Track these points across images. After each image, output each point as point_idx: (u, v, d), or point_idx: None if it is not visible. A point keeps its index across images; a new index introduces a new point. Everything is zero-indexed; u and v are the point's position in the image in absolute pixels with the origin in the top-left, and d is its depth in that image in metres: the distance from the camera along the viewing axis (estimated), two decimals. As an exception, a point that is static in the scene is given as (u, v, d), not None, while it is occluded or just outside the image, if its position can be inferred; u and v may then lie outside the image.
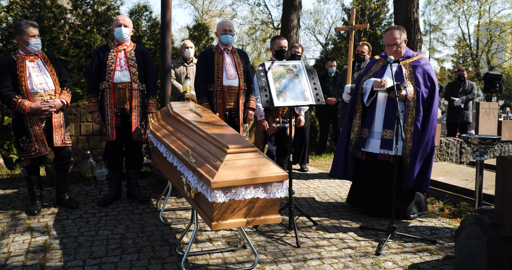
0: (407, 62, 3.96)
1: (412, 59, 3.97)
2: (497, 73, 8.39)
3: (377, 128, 3.98)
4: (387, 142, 3.92)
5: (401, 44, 3.91)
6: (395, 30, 3.90)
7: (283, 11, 9.41)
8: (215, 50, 4.36)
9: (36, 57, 3.92)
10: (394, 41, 3.87)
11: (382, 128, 3.95)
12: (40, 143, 3.87)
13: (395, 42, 3.87)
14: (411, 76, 3.89)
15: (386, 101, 3.95)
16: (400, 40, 3.89)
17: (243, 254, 3.18)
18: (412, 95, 3.85)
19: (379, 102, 4.00)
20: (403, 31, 3.93)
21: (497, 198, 2.69)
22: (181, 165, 2.87)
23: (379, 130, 3.97)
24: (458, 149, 6.64)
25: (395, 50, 3.91)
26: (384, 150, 3.95)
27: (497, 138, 3.57)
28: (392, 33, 3.89)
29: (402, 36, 3.91)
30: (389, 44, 3.91)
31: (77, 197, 4.51)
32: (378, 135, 3.97)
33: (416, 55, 4.01)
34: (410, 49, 4.12)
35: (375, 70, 4.11)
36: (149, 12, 8.52)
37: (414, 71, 3.91)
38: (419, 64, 3.94)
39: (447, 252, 3.30)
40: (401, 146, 3.89)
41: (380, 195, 4.02)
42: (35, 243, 3.31)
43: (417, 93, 3.84)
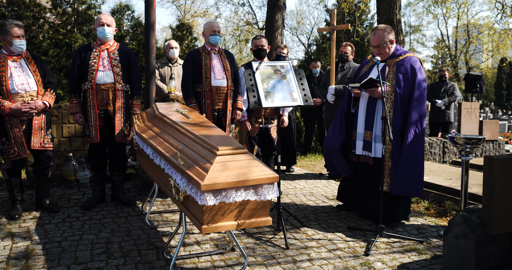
0: (392, 61, 3.88)
1: (398, 58, 3.87)
2: (478, 73, 8.55)
3: (360, 129, 3.95)
4: (367, 143, 3.89)
5: (385, 45, 3.82)
6: (378, 31, 3.83)
7: (268, 11, 9.39)
8: (202, 50, 4.31)
9: (19, 57, 3.79)
10: (377, 43, 3.82)
11: (364, 129, 3.91)
12: (19, 146, 3.75)
13: (378, 43, 3.81)
14: (393, 76, 3.80)
15: (367, 102, 3.91)
16: (384, 41, 3.80)
17: (232, 256, 3.14)
18: (389, 95, 3.78)
19: (361, 103, 3.97)
20: (388, 32, 3.83)
21: (484, 198, 2.71)
22: (169, 167, 2.81)
23: (361, 131, 3.93)
24: (441, 148, 6.73)
25: (379, 51, 3.86)
26: (365, 152, 3.92)
27: (482, 138, 3.62)
28: (375, 34, 3.83)
29: (387, 37, 3.81)
30: (373, 45, 3.89)
31: (60, 200, 4.39)
32: (361, 136, 3.94)
33: (404, 53, 3.90)
34: (401, 47, 4.04)
35: (364, 71, 4.09)
36: (131, 11, 8.39)
37: (397, 70, 3.81)
38: (403, 63, 3.82)
39: (435, 251, 3.32)
40: (381, 148, 3.78)
41: (367, 198, 3.98)
42: (17, 249, 3.20)
43: (395, 93, 3.75)
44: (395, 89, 3.76)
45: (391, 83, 3.79)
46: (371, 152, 3.85)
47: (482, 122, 7.26)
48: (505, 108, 29.94)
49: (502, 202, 2.69)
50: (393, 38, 3.87)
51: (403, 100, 3.75)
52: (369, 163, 3.90)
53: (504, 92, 30.73)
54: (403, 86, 3.76)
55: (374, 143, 3.83)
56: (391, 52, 3.90)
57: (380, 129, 3.80)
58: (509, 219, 2.73)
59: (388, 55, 3.90)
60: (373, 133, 3.83)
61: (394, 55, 3.90)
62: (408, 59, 3.85)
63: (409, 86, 3.76)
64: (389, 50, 3.87)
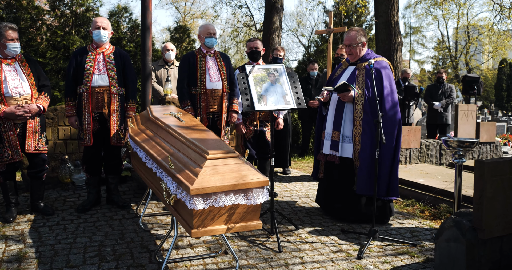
0: (362, 65, 3.96)
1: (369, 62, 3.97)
2: (475, 75, 8.55)
3: (328, 130, 4.04)
4: (335, 143, 3.96)
5: (356, 45, 3.92)
6: (352, 32, 3.94)
7: (265, 13, 9.41)
8: (198, 53, 4.31)
9: (13, 60, 3.80)
10: (348, 42, 3.93)
11: (332, 129, 3.99)
12: (13, 149, 3.76)
13: (350, 43, 3.92)
14: (363, 79, 3.88)
15: (336, 103, 3.99)
16: (356, 42, 3.91)
17: (224, 260, 3.14)
18: (359, 97, 3.83)
19: (331, 105, 4.07)
20: (361, 34, 3.94)
21: (475, 201, 2.71)
22: (160, 171, 2.81)
23: (329, 132, 4.02)
24: (438, 150, 6.74)
25: (349, 51, 3.96)
26: (332, 151, 3.99)
27: (475, 141, 3.62)
28: (348, 34, 3.95)
29: (359, 39, 3.91)
30: (344, 44, 4.01)
31: (55, 203, 4.40)
32: (329, 136, 4.02)
33: (375, 57, 3.99)
34: (373, 52, 4.11)
35: (337, 74, 4.17)
36: (129, 13, 8.41)
37: (366, 74, 3.89)
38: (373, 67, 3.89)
39: (428, 254, 3.33)
40: (351, 149, 3.87)
41: (334, 198, 4.06)
42: (10, 252, 3.21)
43: (365, 96, 3.82)
44: (364, 92, 3.83)
45: (360, 86, 3.86)
46: (338, 151, 3.94)
47: (479, 124, 7.26)
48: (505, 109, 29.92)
49: (493, 206, 2.69)
50: (365, 41, 3.96)
51: (372, 103, 3.81)
52: (335, 162, 3.97)
53: (504, 93, 30.69)
54: (372, 90, 3.81)
55: (341, 143, 3.93)
56: (361, 54, 3.98)
57: (348, 130, 3.89)
58: (500, 222, 2.73)
59: (359, 57, 3.98)
60: (340, 133, 3.92)
61: (364, 59, 3.98)
62: (378, 63, 3.94)
63: (379, 90, 3.84)
64: (360, 52, 3.96)
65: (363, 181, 3.81)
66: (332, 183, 4.07)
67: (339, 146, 3.92)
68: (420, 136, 6.53)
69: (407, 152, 6.42)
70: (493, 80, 33.63)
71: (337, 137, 3.93)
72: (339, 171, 3.98)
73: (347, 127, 3.90)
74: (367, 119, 3.80)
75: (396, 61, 8.72)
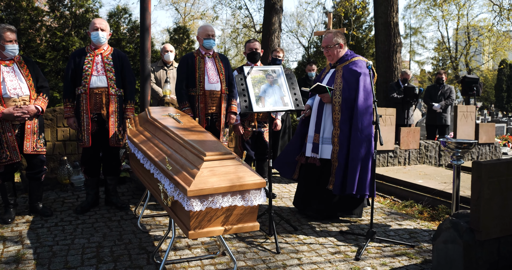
0: (340, 66, 4.00)
1: (345, 63, 3.99)
2: (475, 76, 8.55)
3: (310, 132, 4.08)
4: (316, 146, 4.01)
5: (333, 47, 3.95)
6: (328, 34, 3.99)
7: (265, 14, 9.41)
8: (196, 54, 4.32)
9: (12, 62, 3.81)
10: (325, 44, 3.98)
11: (313, 132, 4.04)
12: (11, 150, 3.76)
13: (326, 44, 3.97)
14: (340, 80, 3.91)
15: (317, 106, 4.04)
16: (332, 43, 3.94)
17: (222, 261, 3.14)
18: (337, 98, 3.86)
19: (313, 108, 4.12)
20: (338, 35, 3.98)
21: (472, 203, 2.72)
22: (158, 172, 2.82)
23: (311, 134, 4.06)
24: (437, 151, 6.74)
25: (327, 52, 4.01)
26: (313, 153, 4.03)
27: (473, 142, 3.62)
28: (326, 35, 4.00)
29: (335, 40, 3.95)
30: (322, 46, 4.08)
31: (54, 204, 4.41)
32: (311, 139, 4.07)
33: (351, 58, 4.01)
34: (352, 52, 4.13)
35: (322, 77, 4.22)
36: (128, 14, 8.42)
37: (343, 75, 3.92)
38: (349, 67, 3.93)
39: (425, 256, 3.33)
40: (330, 150, 3.92)
41: (315, 198, 4.10)
42: (7, 254, 3.21)
43: (342, 97, 3.85)
44: (341, 93, 3.86)
45: (338, 87, 3.88)
46: (318, 153, 3.99)
47: (478, 125, 7.25)
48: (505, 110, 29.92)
49: (490, 207, 2.69)
50: (343, 43, 3.99)
51: (348, 104, 3.84)
52: (316, 164, 4.02)
53: (505, 94, 30.71)
54: (348, 90, 3.85)
55: (321, 144, 3.97)
56: (339, 56, 4.02)
57: (328, 132, 3.95)
58: (497, 224, 2.73)
59: (337, 58, 4.02)
60: (320, 135, 3.97)
61: (343, 60, 4.02)
62: (354, 63, 3.96)
63: (353, 90, 3.86)
64: (337, 53, 3.99)
65: (339, 180, 3.84)
66: (312, 185, 4.11)
67: (319, 148, 3.98)
68: (419, 137, 6.54)
69: (406, 153, 6.42)
70: (493, 81, 33.64)
71: (317, 140, 3.99)
72: (318, 173, 4.03)
73: (327, 128, 3.95)
74: (344, 119, 3.84)
75: (396, 62, 8.72)
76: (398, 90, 7.87)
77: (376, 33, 9.03)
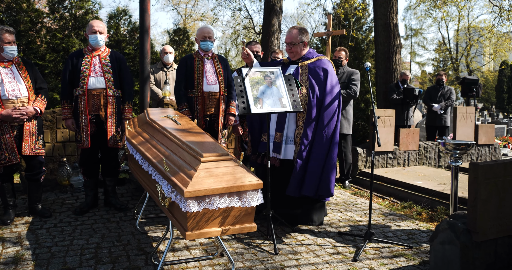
0: (305, 63, 3.90)
1: (311, 61, 3.91)
2: (474, 78, 8.55)
3: (271, 131, 3.92)
4: (277, 145, 3.86)
5: (297, 44, 3.84)
6: (294, 30, 3.88)
7: (264, 16, 9.43)
8: (195, 56, 4.33)
9: (10, 63, 3.82)
10: (289, 40, 3.86)
11: (275, 130, 3.89)
12: (10, 152, 3.77)
13: (290, 41, 3.85)
14: (306, 78, 3.84)
15: None
16: (297, 40, 3.84)
17: (220, 262, 3.15)
18: (303, 97, 3.78)
19: None
20: (303, 33, 3.88)
21: (469, 204, 2.72)
22: (156, 173, 2.83)
23: (272, 133, 3.91)
24: (436, 153, 6.73)
25: (290, 49, 3.89)
26: (274, 153, 3.87)
27: (471, 144, 3.63)
28: (290, 32, 3.88)
29: (300, 37, 3.85)
30: (285, 42, 3.94)
31: (53, 205, 4.42)
32: (272, 137, 3.91)
33: (316, 56, 3.96)
34: (314, 51, 4.06)
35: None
36: (128, 16, 8.44)
37: (309, 72, 3.85)
38: (316, 66, 3.87)
39: (423, 257, 3.33)
40: (292, 150, 3.80)
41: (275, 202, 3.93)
42: (6, 255, 3.22)
43: (308, 95, 3.78)
44: (308, 92, 3.79)
45: (304, 85, 3.83)
46: (280, 153, 3.85)
47: (477, 126, 7.25)
48: (506, 111, 29.89)
49: (487, 208, 2.70)
50: (307, 41, 3.91)
51: (315, 103, 3.78)
52: (275, 165, 3.87)
53: (505, 95, 30.68)
54: (315, 88, 3.79)
55: (284, 144, 3.84)
56: (302, 54, 3.93)
57: (292, 131, 3.82)
58: (494, 225, 2.74)
59: (300, 56, 3.93)
60: (283, 134, 3.84)
61: (306, 58, 3.94)
62: (320, 62, 3.91)
63: (322, 89, 3.81)
64: (301, 50, 3.90)
65: (296, 182, 3.72)
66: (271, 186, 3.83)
67: (282, 148, 3.83)
68: (418, 138, 6.54)
69: (406, 154, 6.43)
70: (494, 82, 33.63)
71: (280, 139, 3.84)
72: (279, 174, 3.87)
73: (291, 127, 3.83)
74: (308, 118, 3.75)
75: (395, 63, 8.72)
76: (398, 91, 7.87)
77: (376, 35, 9.03)
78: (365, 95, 10.75)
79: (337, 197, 5.13)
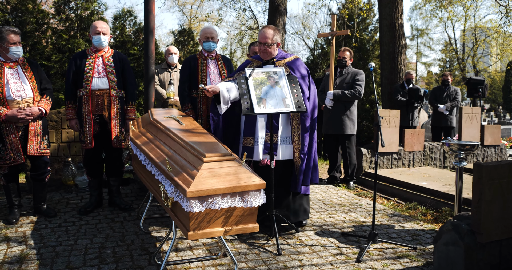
0: (282, 62, 3.86)
1: (288, 60, 3.88)
2: (480, 78, 8.49)
3: (261, 133, 3.80)
4: (268, 147, 3.75)
5: (271, 45, 3.77)
6: (268, 29, 3.78)
7: (269, 16, 9.43)
8: (199, 56, 4.34)
9: (16, 64, 3.85)
10: (264, 40, 3.75)
11: (265, 132, 3.79)
12: (15, 152, 3.80)
13: (266, 41, 3.75)
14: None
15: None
16: (272, 41, 3.76)
17: (223, 262, 3.15)
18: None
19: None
20: (277, 33, 3.81)
21: (474, 205, 2.70)
22: (159, 173, 2.83)
23: (262, 135, 3.80)
24: (441, 153, 6.70)
25: (264, 49, 3.80)
26: (266, 156, 3.77)
27: (476, 144, 3.60)
28: (265, 31, 3.77)
29: (275, 38, 3.78)
30: (260, 42, 3.81)
31: (58, 205, 4.44)
32: (262, 140, 3.80)
33: (290, 56, 3.93)
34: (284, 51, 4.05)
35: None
36: (133, 17, 8.47)
37: (293, 72, 3.82)
38: (295, 65, 3.85)
39: (427, 258, 3.31)
40: (291, 150, 3.76)
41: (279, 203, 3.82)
42: (11, 254, 3.24)
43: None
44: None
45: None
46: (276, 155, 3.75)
47: (483, 127, 7.20)
48: (513, 112, 29.65)
49: (491, 209, 2.68)
50: (280, 42, 3.86)
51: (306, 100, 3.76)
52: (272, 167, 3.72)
53: (512, 96, 30.45)
54: (304, 86, 3.79)
55: (280, 145, 3.76)
56: (275, 54, 3.87)
57: (286, 131, 3.78)
58: (499, 226, 2.72)
59: (272, 56, 3.87)
60: (279, 135, 3.76)
61: (281, 57, 3.91)
62: (298, 60, 3.91)
63: (305, 87, 3.81)
64: (274, 51, 3.84)
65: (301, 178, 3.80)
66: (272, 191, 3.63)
67: (278, 149, 3.75)
68: (423, 139, 6.50)
69: (411, 155, 6.40)
70: (500, 83, 33.38)
71: (274, 140, 3.74)
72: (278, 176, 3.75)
73: (283, 127, 3.77)
74: (303, 117, 3.76)
75: (401, 63, 8.68)
76: (403, 92, 7.84)
77: (381, 35, 9.00)
78: (370, 95, 10.73)
79: (341, 198, 5.11)
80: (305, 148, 3.78)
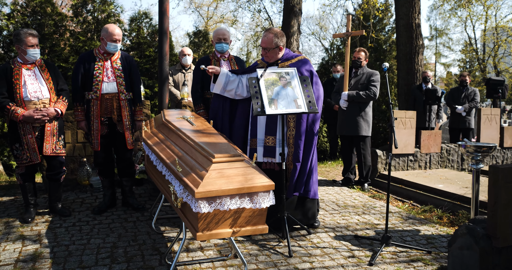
0: (285, 64, 3.82)
1: (291, 61, 3.83)
2: (500, 78, 8.30)
3: (260, 135, 3.78)
4: (269, 149, 3.72)
5: (272, 49, 3.72)
6: (268, 34, 3.72)
7: (283, 17, 9.40)
8: (212, 57, 4.35)
9: (33, 65, 3.92)
10: (265, 45, 3.73)
11: (264, 135, 3.76)
12: (31, 152, 3.87)
13: (266, 46, 3.72)
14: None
15: None
16: (272, 45, 3.70)
17: (233, 263, 3.14)
18: None
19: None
20: (279, 37, 3.73)
21: (489, 208, 2.63)
22: (169, 174, 2.84)
23: (262, 137, 3.77)
24: (459, 155, 6.56)
25: (265, 53, 3.77)
26: (268, 159, 3.74)
27: (493, 146, 3.51)
28: (266, 36, 3.73)
29: (276, 42, 3.71)
30: (261, 46, 3.81)
31: (73, 204, 4.50)
32: (261, 142, 3.77)
33: (296, 56, 3.87)
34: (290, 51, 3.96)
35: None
36: (149, 19, 8.56)
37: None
38: (298, 66, 3.79)
39: (442, 262, 3.24)
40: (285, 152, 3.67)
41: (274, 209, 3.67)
42: (26, 252, 3.30)
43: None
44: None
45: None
46: (275, 157, 3.72)
47: (503, 128, 7.03)
48: (536, 113, 28.88)
49: (508, 213, 2.60)
50: (282, 45, 3.77)
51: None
52: (275, 170, 3.73)
53: (535, 97, 29.67)
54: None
55: (278, 148, 3.71)
56: (278, 57, 3.82)
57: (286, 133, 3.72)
58: (516, 230, 2.64)
59: (275, 59, 3.82)
60: (277, 137, 3.72)
61: (285, 59, 3.84)
62: (301, 61, 3.84)
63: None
64: (276, 54, 3.79)
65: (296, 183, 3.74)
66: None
67: (277, 152, 3.70)
68: (440, 140, 6.38)
69: (427, 157, 6.29)
70: (523, 83, 32.58)
71: (272, 142, 3.71)
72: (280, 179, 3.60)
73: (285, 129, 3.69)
74: (298, 118, 3.69)
75: (418, 64, 8.55)
76: (419, 92, 7.71)
77: (398, 35, 8.89)
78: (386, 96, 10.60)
79: (355, 200, 5.05)
80: (300, 153, 3.70)
